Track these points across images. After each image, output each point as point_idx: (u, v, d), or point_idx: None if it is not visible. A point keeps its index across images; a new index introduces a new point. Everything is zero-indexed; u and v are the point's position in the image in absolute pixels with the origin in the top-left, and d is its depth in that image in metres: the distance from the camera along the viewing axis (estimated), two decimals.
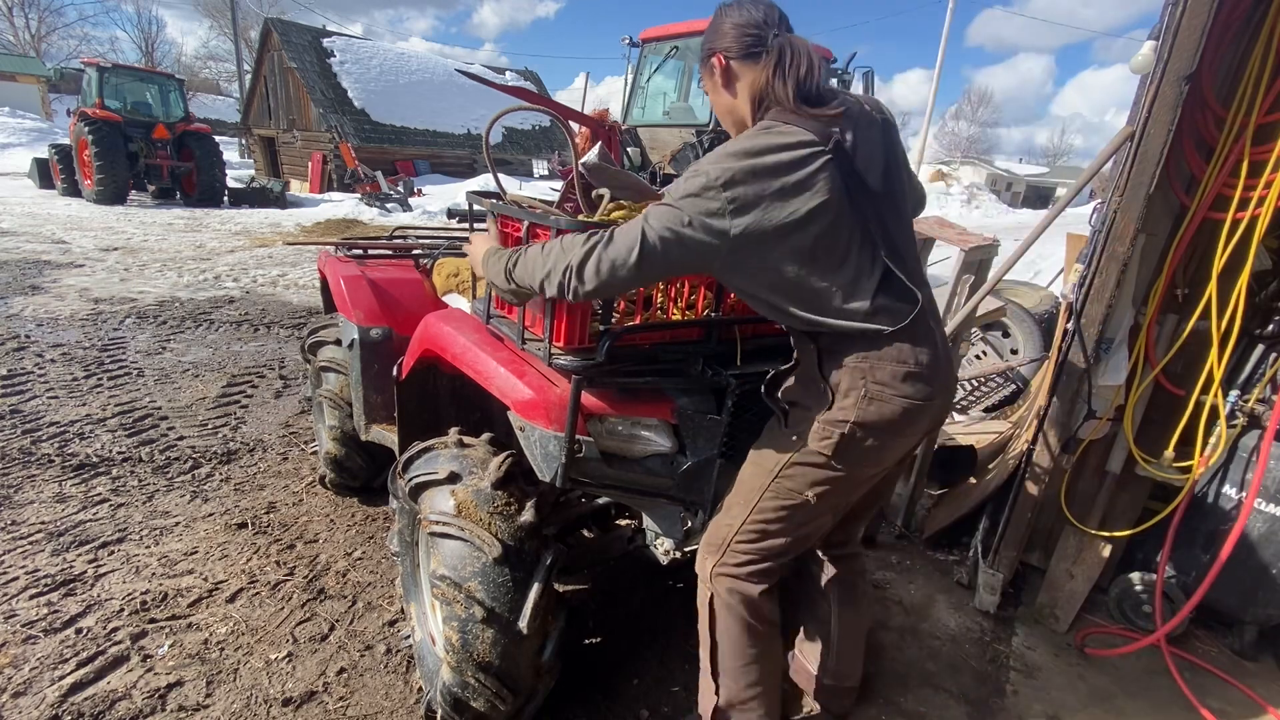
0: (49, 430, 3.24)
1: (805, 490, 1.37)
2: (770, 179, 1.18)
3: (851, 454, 1.32)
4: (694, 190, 1.19)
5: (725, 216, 1.18)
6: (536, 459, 1.43)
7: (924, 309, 1.31)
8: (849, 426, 1.29)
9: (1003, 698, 2.00)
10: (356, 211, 13.62)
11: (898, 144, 1.37)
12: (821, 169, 1.20)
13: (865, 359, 1.29)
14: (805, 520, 1.42)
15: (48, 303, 5.57)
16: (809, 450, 1.34)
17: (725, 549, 1.47)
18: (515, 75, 24.97)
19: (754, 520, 1.43)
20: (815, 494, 1.37)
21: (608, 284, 1.24)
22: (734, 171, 1.18)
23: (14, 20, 35.00)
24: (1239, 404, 2.10)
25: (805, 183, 1.19)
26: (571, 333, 1.44)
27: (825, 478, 1.35)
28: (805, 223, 1.20)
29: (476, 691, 1.47)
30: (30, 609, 2.06)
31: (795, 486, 1.37)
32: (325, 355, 2.70)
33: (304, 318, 5.63)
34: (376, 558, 2.44)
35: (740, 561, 1.46)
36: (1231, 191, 1.95)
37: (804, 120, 1.22)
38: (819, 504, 1.39)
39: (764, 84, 1.27)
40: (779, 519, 1.41)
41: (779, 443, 1.40)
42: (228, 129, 27.83)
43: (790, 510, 1.40)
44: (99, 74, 13.10)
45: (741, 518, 1.44)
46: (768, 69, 1.26)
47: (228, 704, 1.77)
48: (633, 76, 7.31)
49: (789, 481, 1.38)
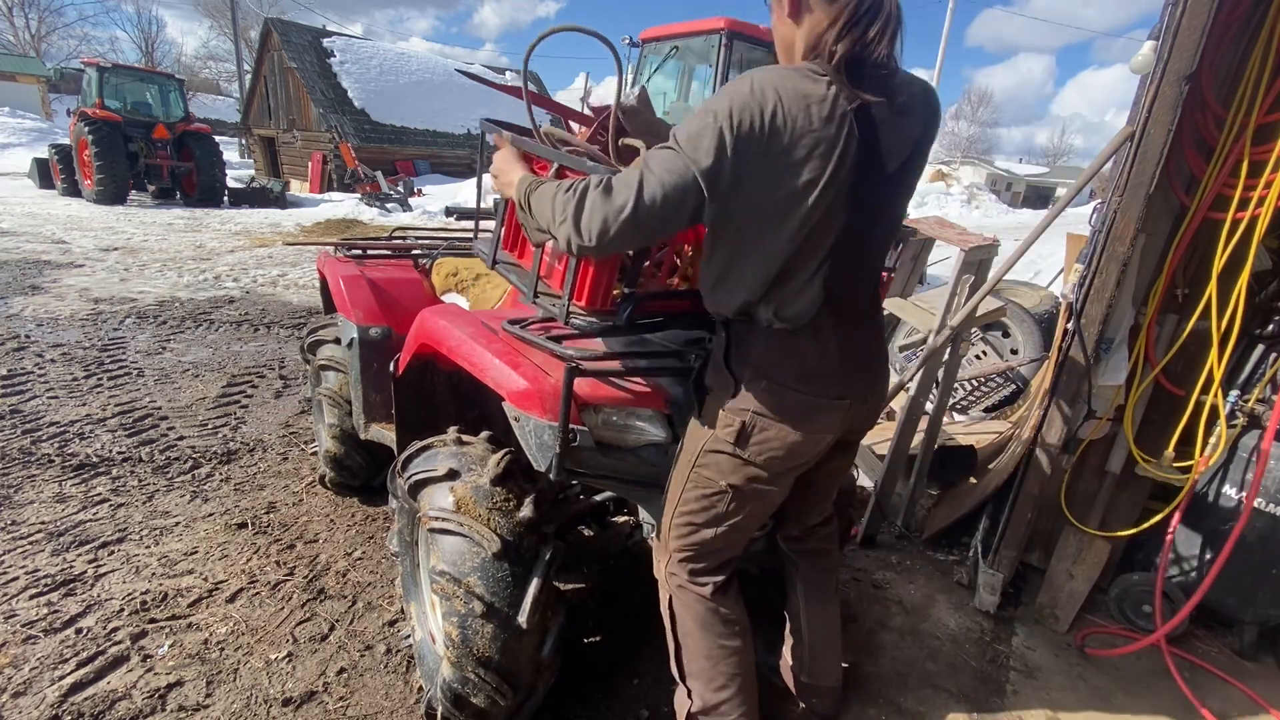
0: (49, 430, 3.24)
1: (719, 480, 1.36)
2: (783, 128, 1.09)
3: (753, 445, 1.31)
4: (697, 130, 1.10)
5: (726, 160, 1.09)
6: (532, 449, 1.43)
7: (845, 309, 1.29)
8: (749, 415, 1.29)
9: (1003, 698, 2.00)
10: (356, 211, 13.62)
11: (926, 149, 1.29)
12: (837, 139, 1.12)
13: (769, 351, 1.28)
14: (729, 512, 1.40)
15: (48, 303, 5.57)
16: (717, 438, 1.33)
17: (667, 546, 1.47)
18: (515, 75, 24.97)
19: (680, 512, 1.42)
20: (729, 483, 1.35)
21: (608, 239, 1.12)
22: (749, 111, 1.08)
23: (14, 20, 35.04)
24: (1239, 404, 2.10)
25: (815, 147, 1.11)
26: (595, 291, 1.36)
27: (734, 468, 1.34)
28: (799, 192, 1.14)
29: (477, 687, 1.47)
30: (30, 609, 2.06)
31: (711, 475, 1.36)
32: (325, 354, 2.71)
33: (304, 318, 5.62)
34: (376, 558, 2.44)
35: (680, 559, 1.46)
36: (1231, 191, 1.95)
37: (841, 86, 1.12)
38: (738, 496, 1.37)
39: (823, 29, 1.15)
40: (701, 510, 1.40)
41: (695, 431, 1.39)
42: (228, 129, 27.83)
43: (710, 500, 1.38)
44: (99, 74, 13.09)
45: (670, 510, 1.44)
46: (837, 16, 1.13)
47: (228, 704, 1.77)
48: (632, 76, 7.31)
49: (705, 470, 1.37)
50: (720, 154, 1.08)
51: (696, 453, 1.37)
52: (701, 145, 1.09)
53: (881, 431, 3.35)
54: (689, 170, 1.09)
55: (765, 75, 1.12)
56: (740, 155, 1.09)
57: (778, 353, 1.28)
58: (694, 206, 1.12)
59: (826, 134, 1.11)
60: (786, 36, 1.24)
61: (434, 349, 1.75)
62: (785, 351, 1.27)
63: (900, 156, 1.23)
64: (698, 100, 7.22)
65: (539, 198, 1.25)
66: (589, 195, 1.13)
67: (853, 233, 1.22)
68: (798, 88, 1.10)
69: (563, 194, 1.17)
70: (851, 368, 1.33)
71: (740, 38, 6.37)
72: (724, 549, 1.46)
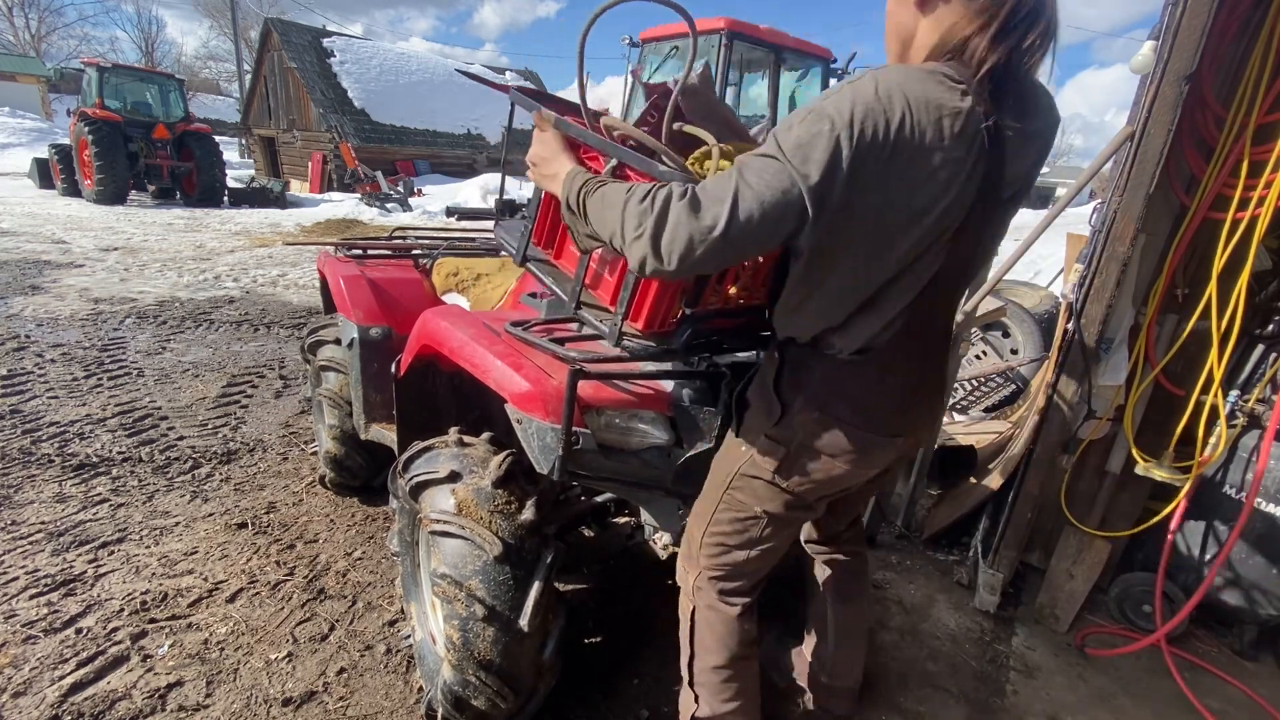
0: (49, 430, 3.24)
1: (754, 505, 1.28)
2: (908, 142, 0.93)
3: (795, 475, 1.23)
4: (807, 137, 0.92)
5: (839, 176, 0.92)
6: (534, 451, 1.43)
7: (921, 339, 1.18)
8: (794, 447, 1.20)
9: (1003, 698, 2.00)
10: (356, 211, 13.61)
11: (1038, 173, 1.15)
12: (965, 161, 0.97)
13: (829, 382, 1.17)
14: (763, 537, 1.33)
15: (48, 303, 5.57)
16: (755, 463, 1.25)
17: (697, 562, 1.42)
18: (515, 75, 24.97)
19: (712, 532, 1.36)
20: (765, 510, 1.28)
21: (690, 263, 0.96)
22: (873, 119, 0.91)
23: (14, 20, 35.02)
24: (1239, 404, 2.10)
25: (940, 168, 0.95)
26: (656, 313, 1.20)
27: (772, 495, 1.26)
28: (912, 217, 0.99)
29: (477, 690, 1.47)
30: (30, 609, 2.06)
31: (745, 500, 1.29)
32: (325, 354, 2.70)
33: (304, 318, 5.62)
34: (376, 558, 2.44)
35: (711, 577, 1.41)
36: (1231, 191, 1.95)
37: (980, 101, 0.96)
38: (774, 522, 1.30)
39: (967, 30, 0.97)
40: (735, 533, 1.34)
41: (731, 451, 1.32)
42: (228, 129, 27.82)
43: (743, 524, 1.32)
44: (99, 74, 13.09)
45: (702, 529, 1.38)
46: (989, 18, 0.95)
47: (228, 704, 1.77)
48: (632, 77, 7.31)
49: (739, 494, 1.30)
50: (833, 168, 0.92)
51: (731, 475, 1.30)
52: (813, 156, 0.92)
53: None
54: (794, 185, 0.93)
55: (892, 77, 0.95)
56: (856, 171, 0.93)
57: (838, 384, 1.17)
58: (793, 228, 0.96)
59: (955, 154, 0.95)
60: (906, 26, 1.06)
61: (436, 350, 1.75)
62: (847, 383, 1.16)
63: (1017, 184, 1.08)
64: None
65: (601, 203, 1.07)
66: (672, 210, 0.95)
67: (953, 263, 1.09)
68: (929, 96, 0.94)
69: (637, 204, 0.99)
70: (913, 402, 1.23)
71: (740, 38, 6.37)
72: (757, 570, 1.41)
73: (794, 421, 1.19)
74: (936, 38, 1.01)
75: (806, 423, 1.18)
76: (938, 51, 1.01)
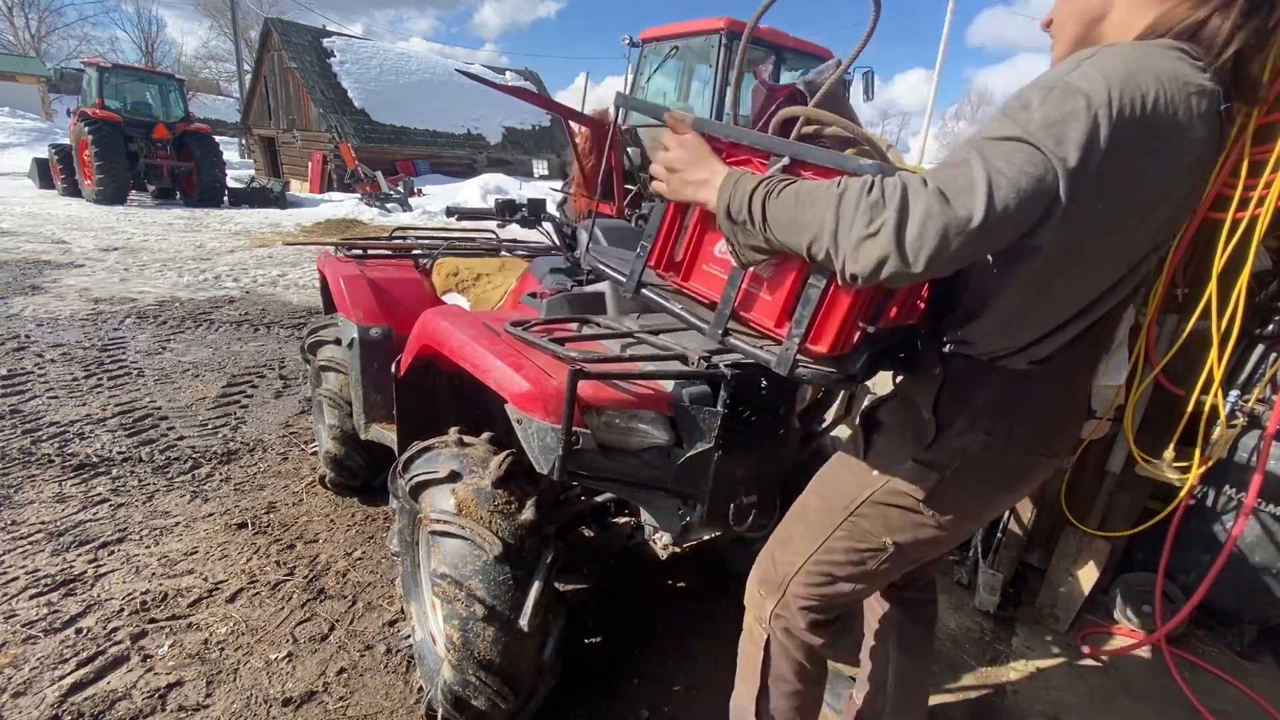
0: (49, 430, 3.24)
1: (883, 536, 1.16)
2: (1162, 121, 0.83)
3: (948, 503, 1.11)
4: (1059, 115, 0.81)
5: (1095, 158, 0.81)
6: (534, 451, 1.43)
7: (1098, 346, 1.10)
8: (950, 472, 1.08)
9: (1003, 698, 2.00)
10: (356, 211, 13.62)
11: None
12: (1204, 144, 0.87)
13: (1003, 398, 1.06)
14: (880, 569, 1.21)
15: (48, 303, 5.57)
16: (895, 490, 1.12)
17: (784, 589, 1.28)
18: (515, 75, 24.97)
19: (820, 560, 1.23)
20: (896, 541, 1.15)
21: (940, 261, 0.82)
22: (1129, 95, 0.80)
23: (14, 20, 35.04)
24: (1239, 404, 2.10)
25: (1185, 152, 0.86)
26: (843, 333, 1.04)
27: (911, 523, 1.14)
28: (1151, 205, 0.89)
29: (478, 690, 1.47)
30: (30, 609, 2.06)
31: (873, 529, 1.16)
32: (325, 355, 2.71)
33: (304, 318, 5.62)
34: (376, 558, 2.44)
35: (802, 607, 1.27)
36: (1231, 191, 1.95)
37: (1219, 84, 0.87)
38: (899, 554, 1.18)
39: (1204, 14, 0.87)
40: (850, 563, 1.20)
41: (856, 474, 1.18)
42: (228, 129, 27.82)
43: (864, 555, 1.19)
44: (99, 74, 13.10)
45: (805, 555, 1.24)
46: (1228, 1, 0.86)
47: (228, 704, 1.77)
48: (633, 76, 7.32)
49: (865, 522, 1.17)
50: (1090, 149, 0.81)
51: (858, 500, 1.17)
52: (1069, 136, 0.80)
53: None
54: (1049, 170, 0.81)
55: (1131, 52, 0.85)
56: (1112, 153, 0.81)
57: (1011, 400, 1.06)
58: (1039, 219, 0.84)
59: (1197, 136, 0.86)
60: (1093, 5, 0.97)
61: (436, 350, 1.75)
62: (1021, 399, 1.06)
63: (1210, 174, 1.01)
64: (698, 100, 7.19)
65: (795, 203, 0.93)
66: (917, 200, 0.82)
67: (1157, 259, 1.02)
68: (1176, 71, 0.84)
69: (860, 196, 0.85)
70: (1074, 418, 1.14)
71: (740, 38, 6.37)
72: (855, 601, 1.29)
73: (951, 444, 1.08)
74: (1150, 17, 0.91)
75: (969, 445, 1.07)
76: (1152, 33, 0.90)
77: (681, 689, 1.93)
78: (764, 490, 1.65)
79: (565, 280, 2.12)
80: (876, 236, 0.83)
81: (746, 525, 1.61)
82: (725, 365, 1.47)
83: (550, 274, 2.17)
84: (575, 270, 2.16)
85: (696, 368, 1.48)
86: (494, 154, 20.90)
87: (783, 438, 1.64)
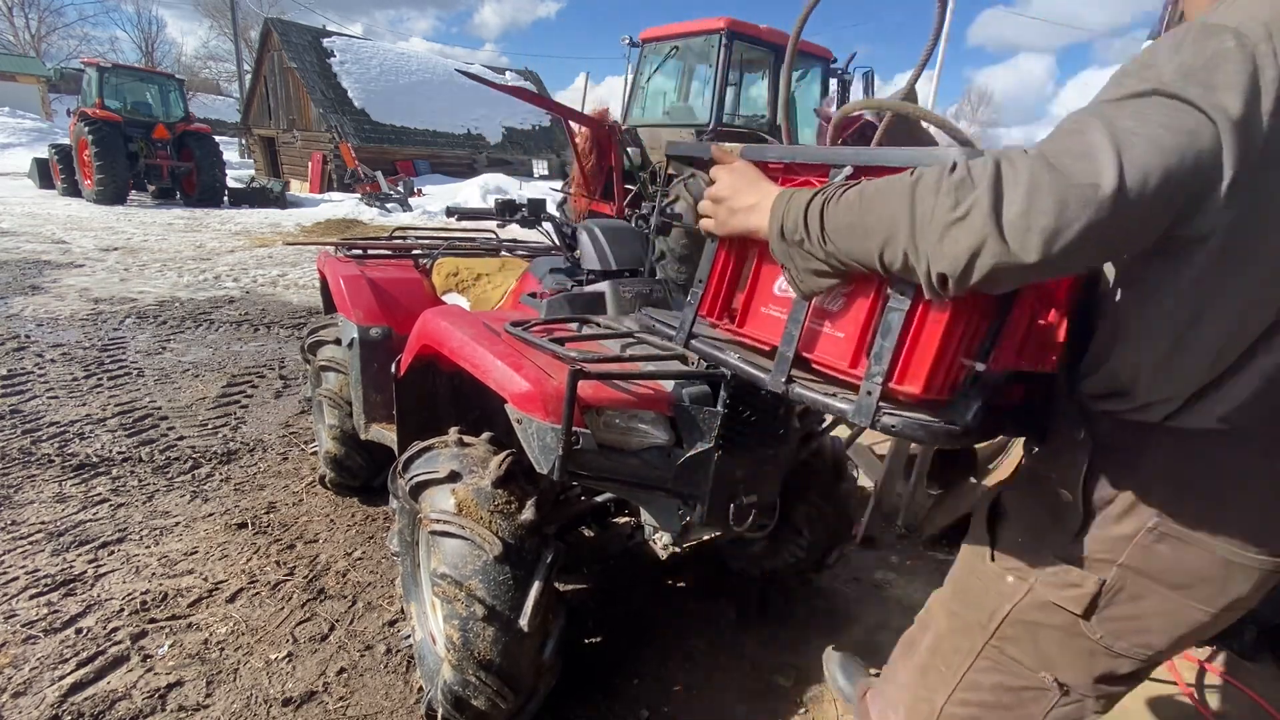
0: (49, 430, 3.24)
1: (1041, 671, 0.88)
2: None
3: (1119, 620, 0.83)
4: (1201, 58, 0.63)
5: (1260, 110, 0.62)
6: (534, 451, 1.43)
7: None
8: (1114, 572, 0.82)
9: None
10: (356, 211, 13.62)
11: None
12: None
13: (1180, 471, 0.79)
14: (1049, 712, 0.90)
15: (48, 303, 5.57)
16: (1040, 601, 0.86)
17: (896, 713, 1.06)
18: (515, 75, 24.97)
19: (962, 701, 0.96)
20: (1062, 680, 0.88)
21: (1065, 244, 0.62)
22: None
23: (14, 20, 35.05)
24: None
25: None
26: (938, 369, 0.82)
27: (1076, 654, 0.86)
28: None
29: (478, 690, 1.47)
30: (30, 609, 2.06)
31: (1023, 658, 0.90)
32: (325, 355, 2.71)
33: (304, 318, 5.62)
34: (376, 558, 2.44)
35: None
36: None
37: None
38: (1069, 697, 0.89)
39: None
40: (1002, 706, 0.92)
41: (987, 581, 0.93)
42: (228, 129, 27.82)
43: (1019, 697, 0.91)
44: (99, 74, 13.11)
45: (944, 695, 0.98)
46: None
47: (228, 704, 1.77)
48: (633, 76, 7.32)
49: (1013, 648, 0.89)
50: (1254, 94, 0.61)
51: (998, 617, 0.90)
52: (1220, 79, 0.62)
53: None
54: (1202, 124, 0.61)
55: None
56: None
57: (1196, 472, 0.79)
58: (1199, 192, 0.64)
59: None
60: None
61: (436, 350, 1.75)
62: (1205, 470, 0.78)
63: None
64: (698, 100, 7.19)
65: (860, 204, 0.77)
66: (1016, 169, 0.64)
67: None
68: None
69: (941, 179, 0.69)
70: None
71: (740, 38, 6.37)
72: None
73: (1109, 534, 0.83)
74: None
75: (1133, 534, 0.81)
76: None
77: (681, 689, 1.93)
78: (764, 490, 1.65)
79: (565, 280, 2.12)
80: (966, 219, 0.65)
81: (746, 525, 1.61)
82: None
83: (550, 274, 2.17)
84: (575, 270, 2.17)
85: (696, 368, 1.48)
86: (494, 154, 20.91)
87: (783, 438, 1.64)
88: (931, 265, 0.69)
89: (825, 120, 1.68)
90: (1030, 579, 0.87)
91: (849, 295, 0.90)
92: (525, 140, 22.00)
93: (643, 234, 2.22)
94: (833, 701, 1.91)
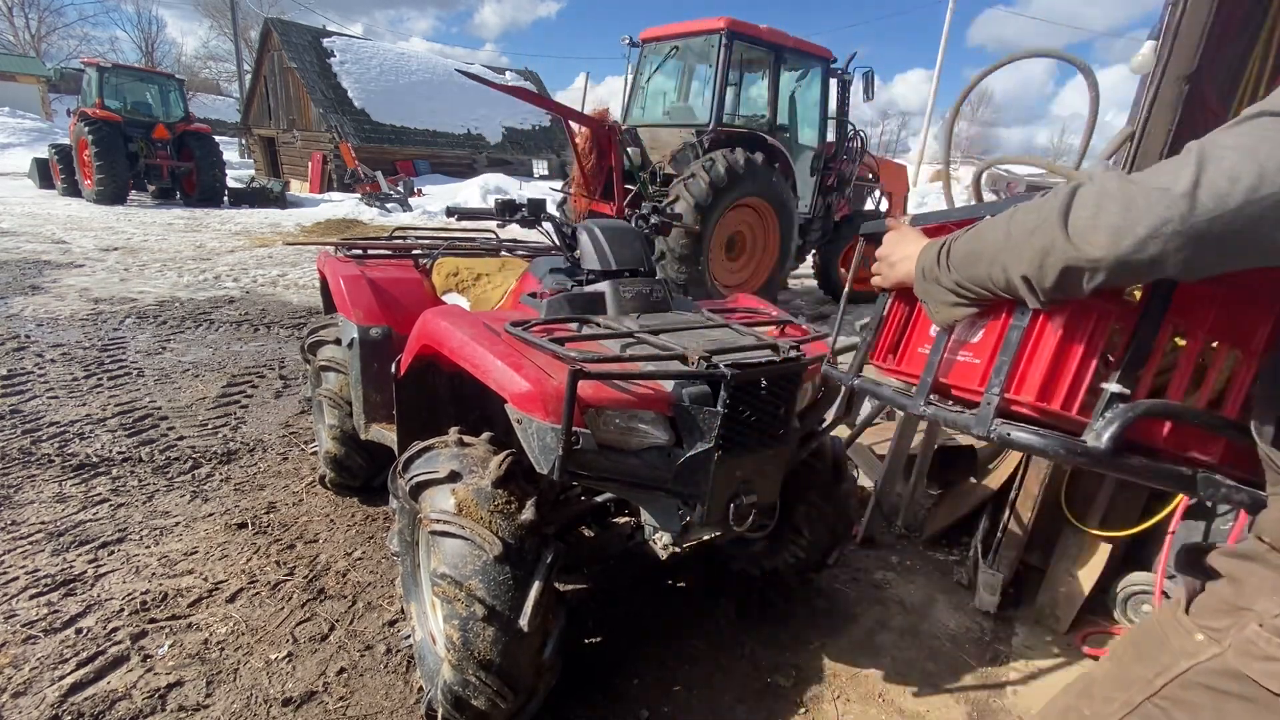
0: (49, 430, 3.24)
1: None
2: None
3: None
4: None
5: None
6: (534, 451, 1.43)
7: None
8: None
9: (1003, 698, 2.00)
10: (356, 211, 13.63)
11: None
12: None
13: None
14: None
15: (48, 303, 5.57)
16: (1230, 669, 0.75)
17: None
18: (515, 75, 24.97)
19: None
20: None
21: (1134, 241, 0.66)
22: None
23: (14, 20, 35.05)
24: None
25: None
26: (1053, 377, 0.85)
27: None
28: None
29: (478, 690, 1.47)
30: (30, 609, 2.06)
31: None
32: (325, 355, 2.71)
33: (304, 318, 5.62)
34: (376, 558, 2.44)
35: None
36: None
37: None
38: None
39: None
40: None
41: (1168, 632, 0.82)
42: (228, 129, 27.84)
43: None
44: (99, 74, 13.11)
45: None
46: None
47: (228, 704, 1.77)
48: (633, 76, 7.31)
49: (1180, 711, 0.78)
50: None
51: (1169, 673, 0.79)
52: None
53: (881, 431, 3.36)
54: None
55: None
56: None
57: None
58: None
59: None
60: None
61: (436, 350, 1.75)
62: None
63: None
64: (698, 100, 7.21)
65: (975, 240, 0.88)
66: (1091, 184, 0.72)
67: None
68: None
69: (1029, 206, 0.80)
70: None
71: (740, 38, 6.36)
72: None
73: None
74: None
75: None
76: None
77: (681, 689, 1.93)
78: (764, 490, 1.65)
79: (565, 280, 2.12)
80: (1040, 228, 0.75)
81: (746, 525, 1.61)
82: (725, 365, 1.47)
83: (550, 274, 2.17)
84: (575, 270, 2.16)
85: (696, 368, 1.48)
86: (494, 154, 20.92)
87: (783, 438, 1.64)
88: (1016, 271, 0.79)
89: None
90: (1222, 641, 0.76)
91: (984, 330, 0.98)
92: (525, 140, 22.00)
93: (643, 234, 2.22)
94: (833, 701, 1.92)
